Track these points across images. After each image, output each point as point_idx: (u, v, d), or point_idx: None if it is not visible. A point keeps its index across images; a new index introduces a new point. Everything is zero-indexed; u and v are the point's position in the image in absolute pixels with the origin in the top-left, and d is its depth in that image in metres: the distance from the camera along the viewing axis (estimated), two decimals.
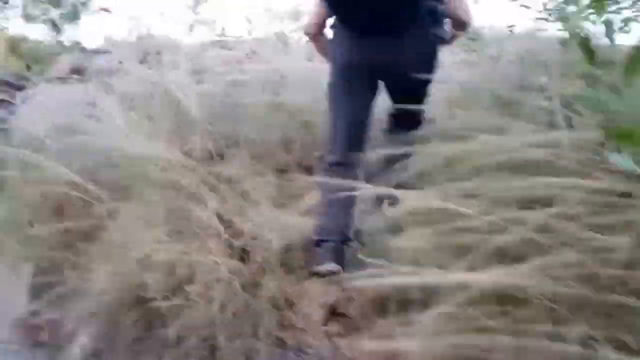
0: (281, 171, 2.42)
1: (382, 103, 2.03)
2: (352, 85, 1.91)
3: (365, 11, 1.71)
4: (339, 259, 1.74)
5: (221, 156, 2.42)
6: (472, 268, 1.02)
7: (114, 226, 1.85)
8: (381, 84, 1.96)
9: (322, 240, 1.79)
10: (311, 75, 3.75)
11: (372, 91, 1.95)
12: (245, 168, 2.29)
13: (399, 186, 1.34)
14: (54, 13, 8.20)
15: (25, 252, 1.96)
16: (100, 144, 2.08)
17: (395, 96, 1.95)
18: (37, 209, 2.07)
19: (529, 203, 1.19)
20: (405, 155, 1.38)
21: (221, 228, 1.68)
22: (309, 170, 2.51)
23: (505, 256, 1.06)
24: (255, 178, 2.27)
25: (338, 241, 1.77)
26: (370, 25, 1.74)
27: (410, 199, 1.26)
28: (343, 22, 1.87)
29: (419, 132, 1.75)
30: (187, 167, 2.06)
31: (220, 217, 1.76)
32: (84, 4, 8.39)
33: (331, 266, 1.72)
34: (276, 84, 3.21)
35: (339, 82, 1.95)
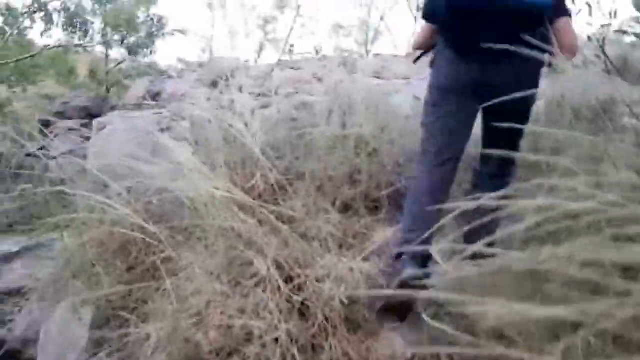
0: (346, 207, 2.30)
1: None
2: (452, 106, 1.90)
3: (478, 36, 1.68)
4: (422, 267, 1.69)
5: (284, 190, 2.33)
6: None
7: (174, 272, 1.80)
8: (479, 108, 1.94)
9: (402, 254, 1.75)
10: (378, 97, 3.62)
11: (472, 115, 1.94)
12: (308, 205, 2.19)
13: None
14: (132, 38, 8.66)
15: (88, 294, 1.96)
16: (163, 183, 2.05)
17: (493, 120, 1.83)
18: (102, 250, 2.07)
19: None
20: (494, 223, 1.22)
21: (281, 281, 1.57)
22: (375, 205, 2.37)
23: None
24: (319, 215, 2.17)
25: (420, 251, 1.68)
26: (481, 49, 1.67)
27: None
28: (452, 44, 1.88)
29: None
30: (247, 207, 1.98)
31: (279, 267, 1.65)
32: (159, 28, 8.79)
33: (414, 271, 1.67)
34: (342, 105, 3.10)
35: (439, 101, 1.94)
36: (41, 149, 3.77)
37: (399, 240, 1.84)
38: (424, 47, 2.12)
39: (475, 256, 1.23)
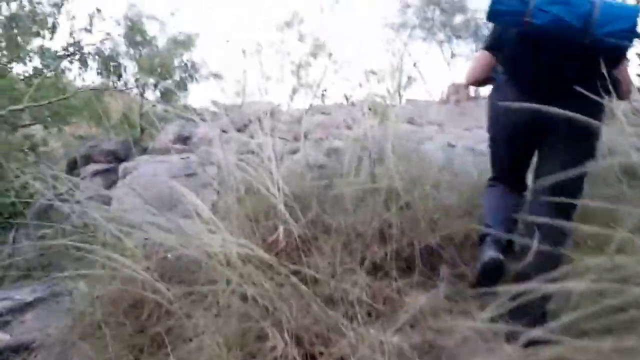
0: (375, 267, 2.12)
1: None
2: (513, 143, 2.00)
3: (545, 74, 1.74)
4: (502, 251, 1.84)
5: (308, 245, 2.17)
6: None
7: (185, 339, 1.64)
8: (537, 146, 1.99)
9: (485, 235, 1.93)
10: (411, 144, 3.47)
11: (531, 150, 2.01)
12: (333, 264, 2.02)
13: None
14: (167, 81, 8.84)
15: (97, 356, 1.82)
16: (179, 240, 1.92)
17: (551, 159, 1.87)
18: (113, 308, 1.93)
19: None
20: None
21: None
22: (408, 265, 2.18)
23: None
24: (345, 276, 1.99)
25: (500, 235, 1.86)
26: (545, 86, 1.73)
27: None
28: (514, 79, 1.90)
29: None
30: (267, 266, 1.83)
31: (299, 342, 1.48)
32: (193, 73, 8.97)
33: (493, 254, 1.83)
34: (372, 153, 2.96)
35: (500, 138, 2.05)
36: (68, 190, 3.75)
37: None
38: (480, 80, 2.16)
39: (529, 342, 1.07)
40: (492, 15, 1.78)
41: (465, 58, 12.10)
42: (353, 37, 21.90)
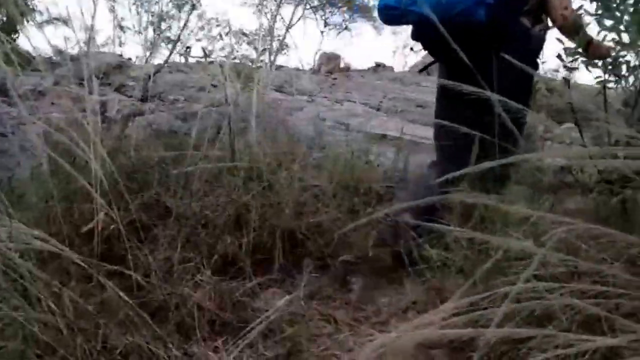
0: (227, 262, 1.75)
1: None
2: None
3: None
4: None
5: (139, 238, 1.72)
6: None
7: None
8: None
9: None
10: (276, 114, 3.13)
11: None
12: (172, 261, 1.61)
13: None
14: None
15: None
16: None
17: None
18: None
19: None
20: None
21: None
22: (267, 259, 1.85)
23: None
24: (185, 277, 1.60)
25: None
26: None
27: None
28: None
29: None
30: (75, 266, 1.36)
31: None
32: (29, 11, 7.60)
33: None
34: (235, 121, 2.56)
35: None
36: None
37: None
38: None
39: None
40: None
41: (338, 28, 12.03)
42: None
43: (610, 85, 1.69)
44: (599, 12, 1.64)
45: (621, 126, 1.50)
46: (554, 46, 1.84)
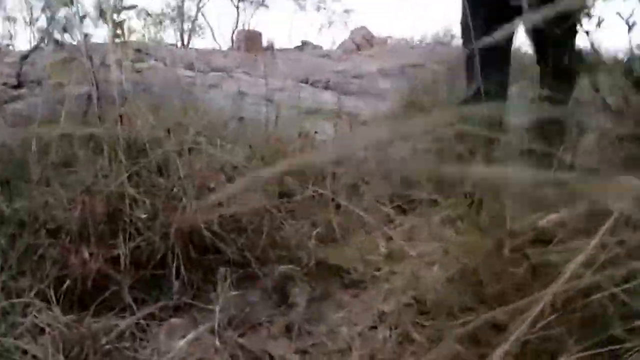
0: (87, 288, 1.12)
1: None
2: None
3: None
4: None
5: None
6: None
7: None
8: None
9: None
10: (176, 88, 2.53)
11: None
12: None
13: None
14: None
15: None
16: None
17: None
18: None
19: None
20: None
21: None
22: (159, 275, 1.23)
23: None
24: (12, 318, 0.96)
25: None
26: None
27: None
28: None
29: None
30: None
31: None
32: None
33: None
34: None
35: None
36: None
37: None
38: None
39: None
40: None
41: (256, 4, 11.34)
42: None
43: None
44: None
45: None
46: None
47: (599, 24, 1.52)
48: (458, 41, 4.94)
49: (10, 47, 5.19)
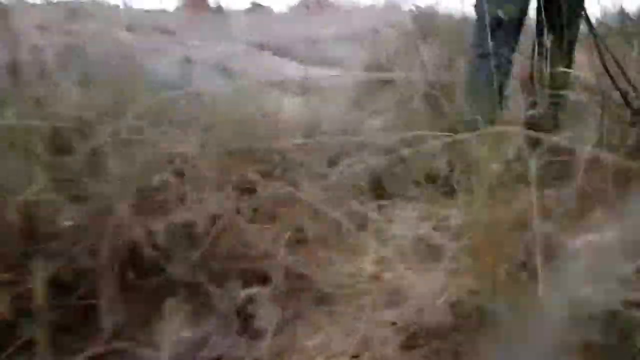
0: None
1: None
2: None
3: None
4: None
5: None
6: None
7: None
8: None
9: None
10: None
11: None
12: None
13: None
14: None
15: None
16: None
17: None
18: None
19: None
20: None
21: None
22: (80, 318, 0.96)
23: None
24: None
25: None
26: None
27: None
28: None
29: None
30: None
31: None
32: None
33: None
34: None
35: None
36: None
37: None
38: None
39: None
40: None
41: None
42: None
43: None
44: None
45: None
46: None
47: None
48: (410, 5, 4.78)
49: None
